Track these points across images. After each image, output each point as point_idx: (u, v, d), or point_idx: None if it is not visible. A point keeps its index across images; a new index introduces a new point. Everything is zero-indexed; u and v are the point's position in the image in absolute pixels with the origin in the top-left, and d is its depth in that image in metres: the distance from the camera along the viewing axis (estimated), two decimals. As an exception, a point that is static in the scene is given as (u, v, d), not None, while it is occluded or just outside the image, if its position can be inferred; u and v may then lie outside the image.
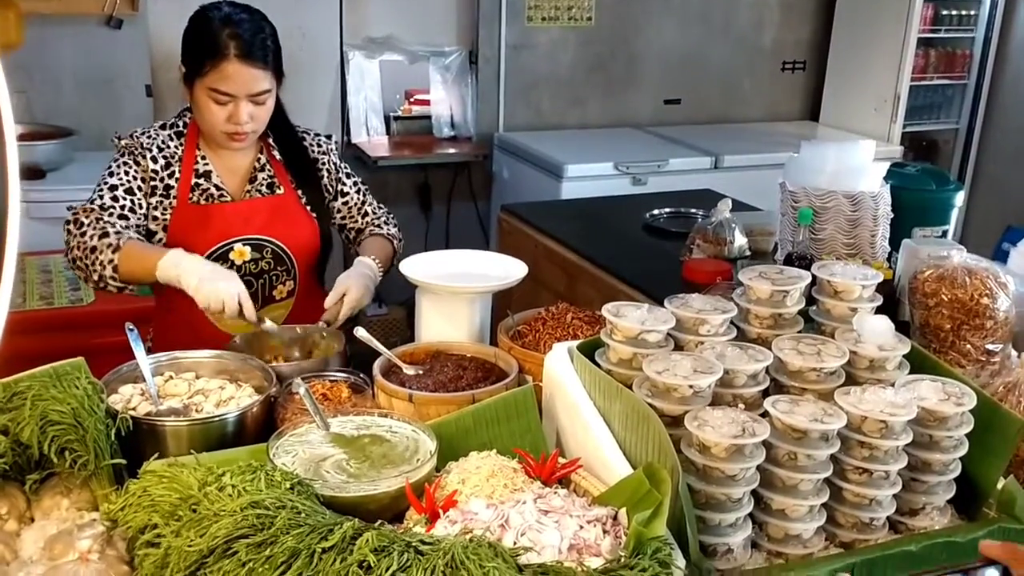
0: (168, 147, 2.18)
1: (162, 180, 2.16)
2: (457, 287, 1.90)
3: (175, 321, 2.20)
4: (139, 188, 2.15)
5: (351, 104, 4.80)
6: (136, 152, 2.16)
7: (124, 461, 1.49)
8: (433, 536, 1.23)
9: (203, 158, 2.20)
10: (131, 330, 1.78)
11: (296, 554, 1.13)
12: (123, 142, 2.18)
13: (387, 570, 1.10)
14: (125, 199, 2.13)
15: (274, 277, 2.22)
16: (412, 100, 4.95)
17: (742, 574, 1.45)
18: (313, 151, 2.33)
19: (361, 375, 1.79)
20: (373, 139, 4.83)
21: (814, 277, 1.77)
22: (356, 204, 2.39)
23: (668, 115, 5.33)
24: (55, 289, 3.06)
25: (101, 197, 2.12)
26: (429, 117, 4.92)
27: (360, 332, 1.84)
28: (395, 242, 2.40)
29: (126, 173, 2.15)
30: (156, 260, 1.99)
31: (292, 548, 1.13)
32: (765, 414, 1.52)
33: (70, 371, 1.54)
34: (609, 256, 3.22)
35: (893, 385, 1.59)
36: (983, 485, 1.61)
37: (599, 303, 3.10)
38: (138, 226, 2.15)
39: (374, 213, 2.43)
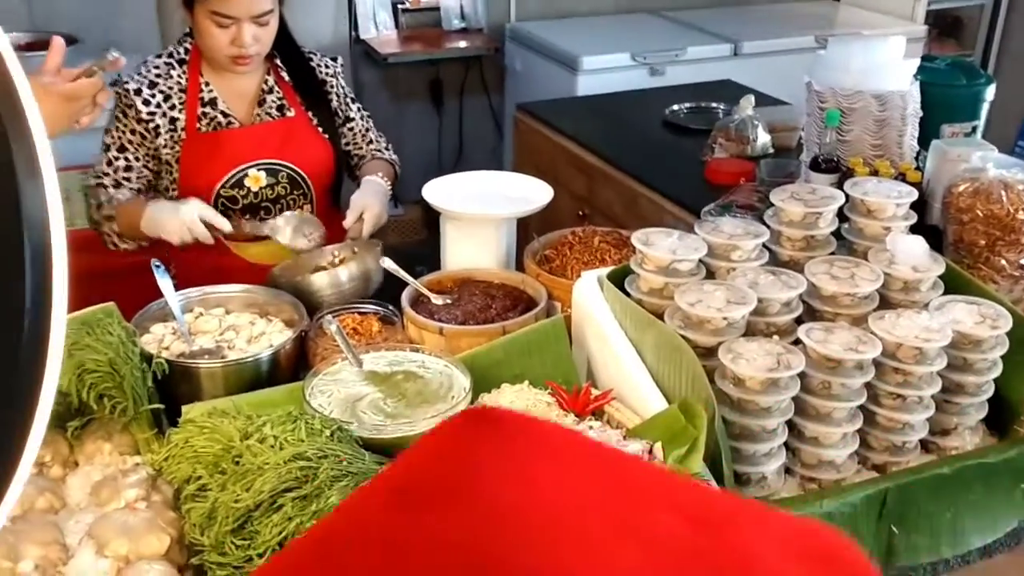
0: (169, 78, 2.12)
1: (164, 115, 2.10)
2: (482, 213, 1.87)
3: (195, 257, 2.17)
4: (130, 142, 2.11)
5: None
6: (123, 101, 2.10)
7: (162, 406, 1.50)
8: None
9: (207, 85, 2.14)
10: (157, 266, 1.78)
11: (342, 510, 1.15)
12: (114, 90, 2.09)
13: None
14: (119, 157, 2.11)
15: (291, 201, 2.19)
16: (420, -10, 4.81)
17: (776, 501, 1.47)
18: (321, 72, 2.26)
19: (390, 307, 1.79)
20: (382, 34, 4.70)
21: (846, 195, 1.74)
22: (361, 130, 2.34)
23: (685, -3, 5.16)
24: (71, 207, 3.04)
25: (99, 163, 2.14)
26: (438, 8, 4.78)
27: (387, 262, 1.83)
28: (396, 167, 2.37)
29: (117, 129, 2.12)
30: (140, 223, 2.01)
31: (336, 503, 1.15)
32: (798, 342, 1.51)
33: (102, 318, 1.54)
34: (629, 157, 3.17)
35: (927, 307, 1.58)
36: (1015, 403, 1.61)
37: (620, 205, 3.11)
38: (139, 178, 2.14)
39: (376, 140, 2.38)
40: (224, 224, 1.96)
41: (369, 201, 2.11)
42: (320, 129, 2.23)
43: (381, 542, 0.59)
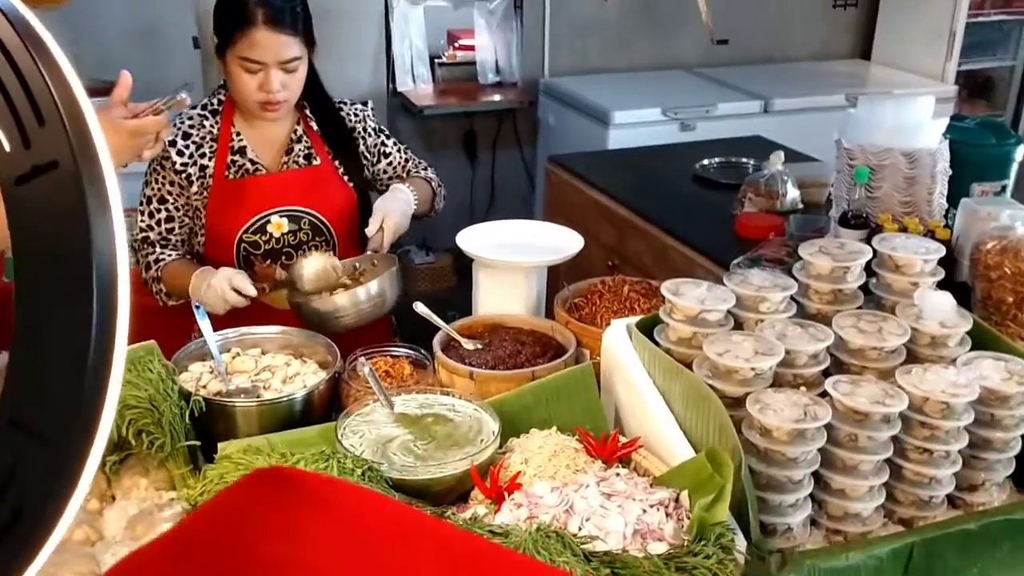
0: (202, 128, 2.18)
1: (195, 163, 2.15)
2: (514, 260, 1.91)
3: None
4: (170, 193, 2.17)
5: (396, 52, 4.76)
6: (160, 153, 2.08)
7: (199, 443, 1.54)
8: (502, 526, 1.27)
9: (238, 134, 2.19)
10: (198, 307, 1.82)
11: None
12: None
13: (461, 565, 1.14)
14: (160, 209, 2.17)
15: (312, 247, 2.19)
16: (457, 45, 4.91)
17: (801, 553, 1.48)
18: (350, 120, 2.30)
19: (422, 351, 1.82)
20: (419, 87, 4.80)
21: (874, 250, 1.76)
22: (400, 162, 2.37)
23: (717, 56, 5.23)
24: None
25: (141, 216, 2.19)
26: (474, 63, 4.88)
27: (420, 307, 1.87)
28: (433, 184, 2.37)
29: (156, 181, 2.17)
30: (186, 289, 2.04)
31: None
32: (825, 394, 1.53)
33: (143, 355, 1.58)
34: (659, 210, 3.20)
35: (955, 362, 1.59)
36: (1044, 461, 1.61)
37: (649, 257, 3.14)
38: (182, 227, 2.20)
39: (416, 167, 2.41)
40: (251, 290, 1.95)
41: (391, 207, 2.13)
42: (346, 177, 2.26)
43: None
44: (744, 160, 3.59)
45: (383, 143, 2.37)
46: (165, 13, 4.28)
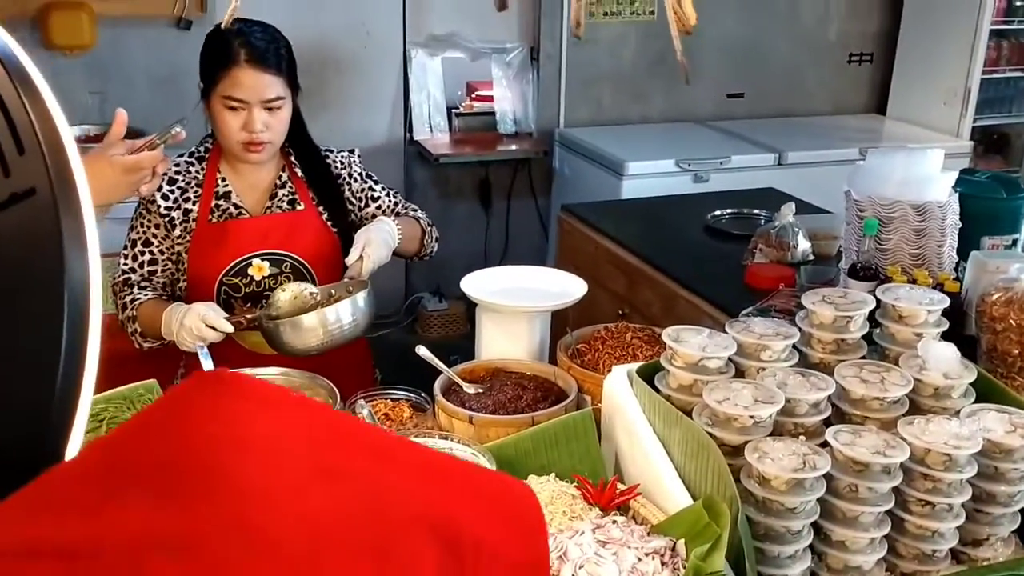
0: (189, 173, 2.20)
1: (179, 207, 2.17)
2: (517, 305, 1.91)
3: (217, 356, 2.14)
4: (155, 235, 2.19)
5: (414, 101, 4.82)
6: (145, 198, 2.16)
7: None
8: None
9: (223, 180, 2.21)
10: (201, 347, 1.83)
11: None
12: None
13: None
14: (144, 252, 2.20)
15: None
16: (474, 96, 4.97)
17: (801, 606, 1.45)
18: (336, 167, 2.31)
19: (423, 394, 1.82)
20: (435, 136, 4.86)
21: (878, 300, 1.75)
22: (389, 206, 2.36)
23: (731, 109, 5.27)
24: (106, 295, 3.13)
25: (125, 258, 2.21)
26: (491, 113, 4.93)
27: (421, 351, 1.87)
28: (423, 222, 2.36)
29: (142, 225, 2.20)
30: (160, 329, 2.04)
31: None
32: (826, 444, 1.51)
33: (143, 393, 1.59)
34: (669, 259, 3.20)
35: (958, 414, 1.57)
36: (1050, 516, 1.59)
37: (658, 306, 3.14)
38: (164, 271, 2.22)
39: (404, 211, 2.39)
40: (226, 326, 1.95)
41: (372, 237, 2.12)
42: (330, 223, 2.26)
43: (96, 463, 0.64)
44: (756, 212, 3.60)
45: (370, 188, 2.36)
46: (186, 61, 4.34)
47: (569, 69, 4.96)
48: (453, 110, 4.93)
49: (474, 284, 2.01)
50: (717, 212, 3.57)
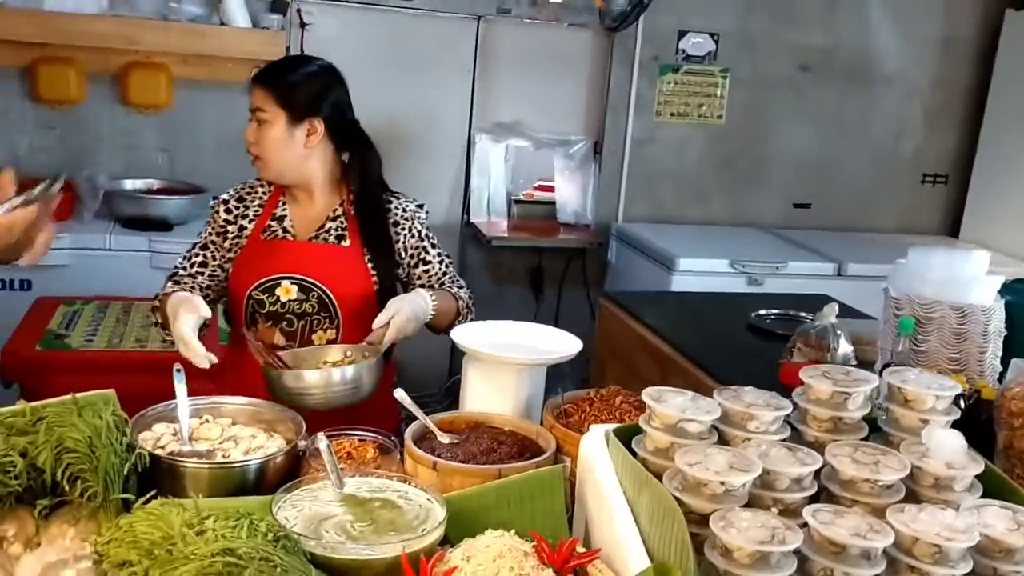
0: (255, 193, 2.35)
1: (237, 223, 2.31)
2: (503, 356, 1.83)
3: (245, 366, 2.22)
4: (213, 242, 2.34)
5: (473, 185, 4.86)
6: (213, 209, 2.36)
7: (132, 496, 1.47)
8: (403, 607, 1.15)
9: (283, 204, 2.33)
10: (178, 370, 1.79)
11: (249, 607, 1.07)
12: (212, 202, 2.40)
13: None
14: (199, 254, 2.34)
15: (315, 322, 2.23)
16: (536, 185, 4.99)
17: None
18: (396, 214, 2.33)
19: (392, 438, 1.74)
20: (492, 220, 4.87)
21: (889, 385, 1.63)
22: (437, 274, 2.36)
23: (797, 219, 5.17)
24: (151, 332, 3.15)
25: (181, 259, 2.37)
26: (549, 203, 4.93)
27: (399, 393, 1.80)
28: (461, 303, 2.33)
29: (206, 232, 2.37)
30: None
31: (246, 600, 1.08)
32: (807, 525, 1.38)
33: (96, 401, 1.54)
34: (703, 351, 3.09)
35: (958, 508, 1.42)
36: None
37: (688, 399, 3.01)
38: (211, 276, 2.34)
39: (451, 284, 2.38)
40: (201, 362, 1.97)
41: (403, 307, 2.10)
42: (371, 266, 2.27)
43: None
44: (803, 314, 3.46)
45: (425, 249, 2.36)
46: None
47: (631, 165, 4.95)
48: (513, 198, 4.94)
49: (464, 333, 1.94)
50: (762, 311, 3.45)
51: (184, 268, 2.33)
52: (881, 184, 5.28)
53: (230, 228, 2.31)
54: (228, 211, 2.32)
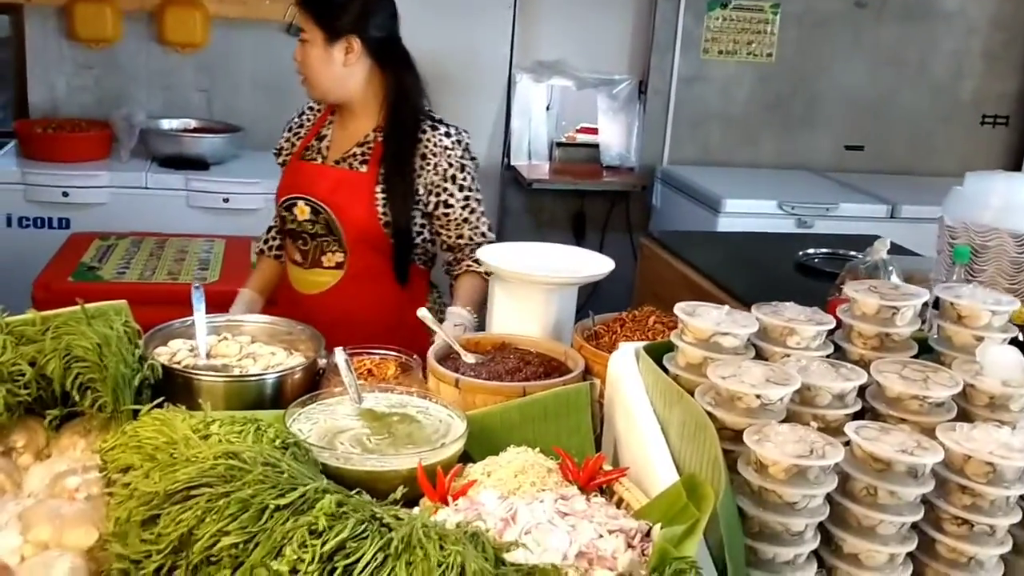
0: (310, 112, 2.41)
1: (289, 141, 2.41)
2: (531, 275, 1.75)
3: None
4: (282, 163, 2.42)
5: (514, 127, 4.75)
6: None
7: (141, 407, 1.42)
8: (411, 513, 1.09)
9: (330, 123, 2.34)
10: (197, 288, 1.74)
11: (247, 507, 1.01)
12: None
13: (336, 536, 0.97)
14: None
15: (324, 243, 2.26)
16: (579, 128, 4.87)
17: (795, 622, 1.23)
18: (427, 146, 2.22)
19: (415, 356, 1.68)
20: (533, 162, 4.77)
21: (937, 299, 1.53)
22: (456, 219, 2.24)
23: (848, 161, 5.00)
24: (184, 266, 3.13)
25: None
26: (592, 145, 4.82)
27: (422, 312, 1.73)
28: (488, 276, 2.19)
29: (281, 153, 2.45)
30: None
31: (243, 500, 1.02)
32: (848, 443, 1.29)
33: (107, 311, 1.49)
34: (750, 290, 2.97)
35: (1014, 428, 1.32)
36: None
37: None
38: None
39: (471, 238, 2.26)
40: None
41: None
42: (383, 195, 2.21)
43: None
44: (853, 253, 3.33)
45: (447, 191, 2.23)
46: (291, 66, 4.38)
47: (678, 106, 4.81)
48: (555, 140, 4.83)
49: (493, 253, 1.86)
50: (811, 250, 3.33)
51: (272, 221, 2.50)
52: (938, 126, 5.08)
53: (284, 146, 2.40)
54: (289, 129, 2.41)
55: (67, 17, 4.19)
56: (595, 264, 1.88)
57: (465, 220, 2.25)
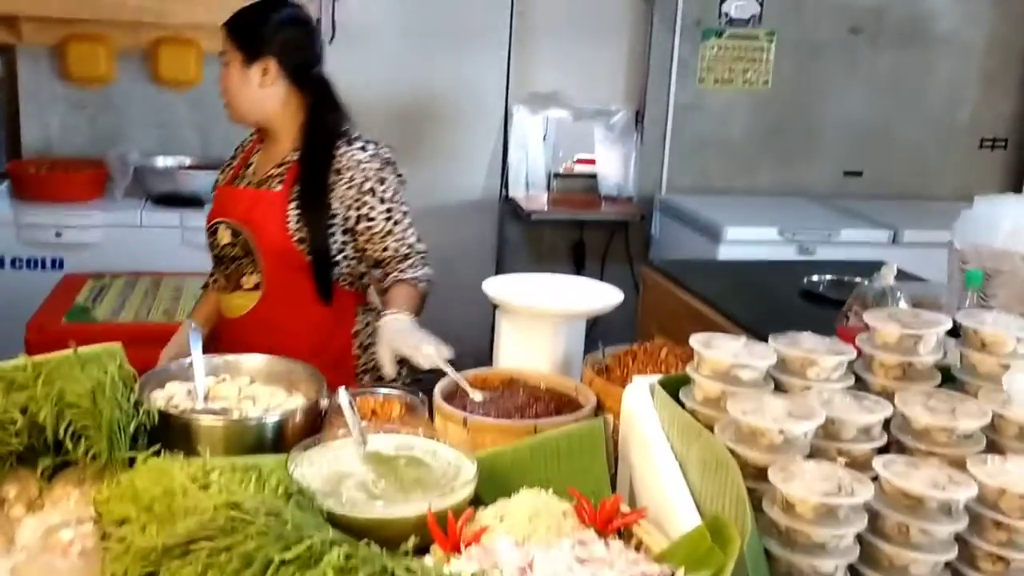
0: (245, 143, 2.42)
1: (224, 174, 2.40)
2: (539, 308, 1.70)
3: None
4: None
5: (511, 159, 4.73)
6: None
7: (137, 454, 1.36)
8: (425, 565, 1.03)
9: (258, 150, 2.34)
10: (194, 329, 1.69)
11: (250, 562, 0.96)
12: None
13: (346, 592, 0.92)
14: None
15: (242, 265, 2.25)
16: (576, 159, 4.84)
17: (828, 670, 1.17)
18: (340, 162, 2.19)
19: (420, 394, 1.62)
20: (531, 194, 4.74)
21: (959, 326, 1.48)
22: (379, 231, 2.18)
23: (848, 187, 4.97)
24: (180, 305, 3.08)
25: None
26: (590, 176, 4.78)
27: (427, 349, 1.68)
28: (419, 285, 2.17)
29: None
30: None
31: (246, 555, 0.96)
32: (877, 479, 1.24)
33: (99, 355, 1.44)
34: (753, 318, 2.93)
35: (1048, 460, 1.27)
36: None
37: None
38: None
39: (397, 250, 2.19)
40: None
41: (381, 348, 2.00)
42: (296, 212, 2.18)
43: None
44: (859, 279, 3.29)
45: (367, 204, 2.18)
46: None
47: (675, 135, 4.78)
48: (552, 171, 4.80)
49: (498, 286, 1.81)
50: (815, 277, 3.29)
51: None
52: (937, 150, 5.05)
53: (219, 179, 2.41)
54: (226, 162, 2.43)
55: (60, 57, 4.16)
56: (603, 295, 1.83)
57: (389, 232, 2.19)
